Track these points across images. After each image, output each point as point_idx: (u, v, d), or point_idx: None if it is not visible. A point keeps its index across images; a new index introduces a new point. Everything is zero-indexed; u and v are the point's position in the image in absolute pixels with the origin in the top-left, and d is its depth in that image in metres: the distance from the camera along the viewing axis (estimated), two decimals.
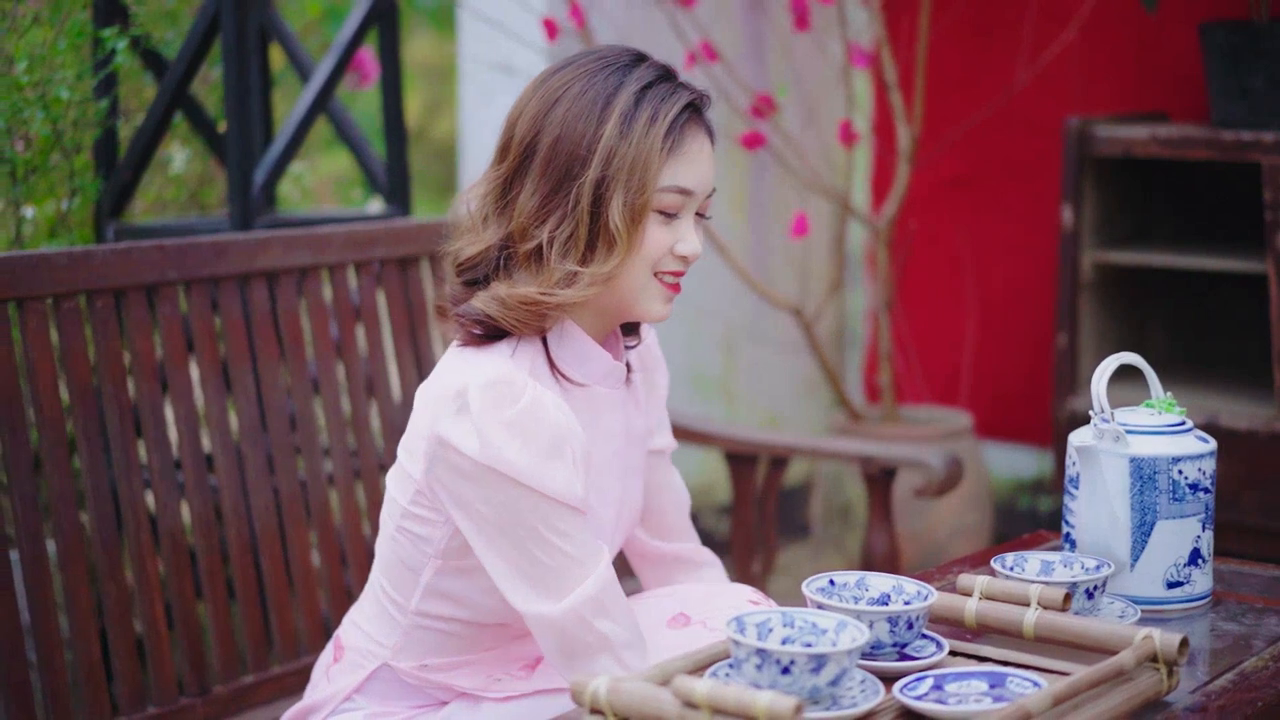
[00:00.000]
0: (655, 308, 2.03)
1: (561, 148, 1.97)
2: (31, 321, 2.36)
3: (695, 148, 2.00)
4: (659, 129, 1.96)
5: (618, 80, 1.98)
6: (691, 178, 1.99)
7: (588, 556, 1.96)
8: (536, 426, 1.93)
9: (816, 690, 1.62)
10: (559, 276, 1.97)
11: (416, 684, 2.14)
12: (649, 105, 1.96)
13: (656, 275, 2.01)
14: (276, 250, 2.69)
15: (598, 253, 1.97)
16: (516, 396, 1.93)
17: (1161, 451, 2.06)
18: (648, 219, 1.98)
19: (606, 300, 2.02)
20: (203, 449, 2.59)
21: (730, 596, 2.15)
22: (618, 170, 1.95)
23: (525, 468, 1.92)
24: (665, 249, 2.00)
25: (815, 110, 4.61)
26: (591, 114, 1.96)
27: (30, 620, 2.35)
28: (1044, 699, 1.59)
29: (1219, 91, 3.81)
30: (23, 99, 3.00)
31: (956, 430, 4.12)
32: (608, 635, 1.95)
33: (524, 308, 1.97)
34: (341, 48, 3.33)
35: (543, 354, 2.03)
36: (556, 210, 1.97)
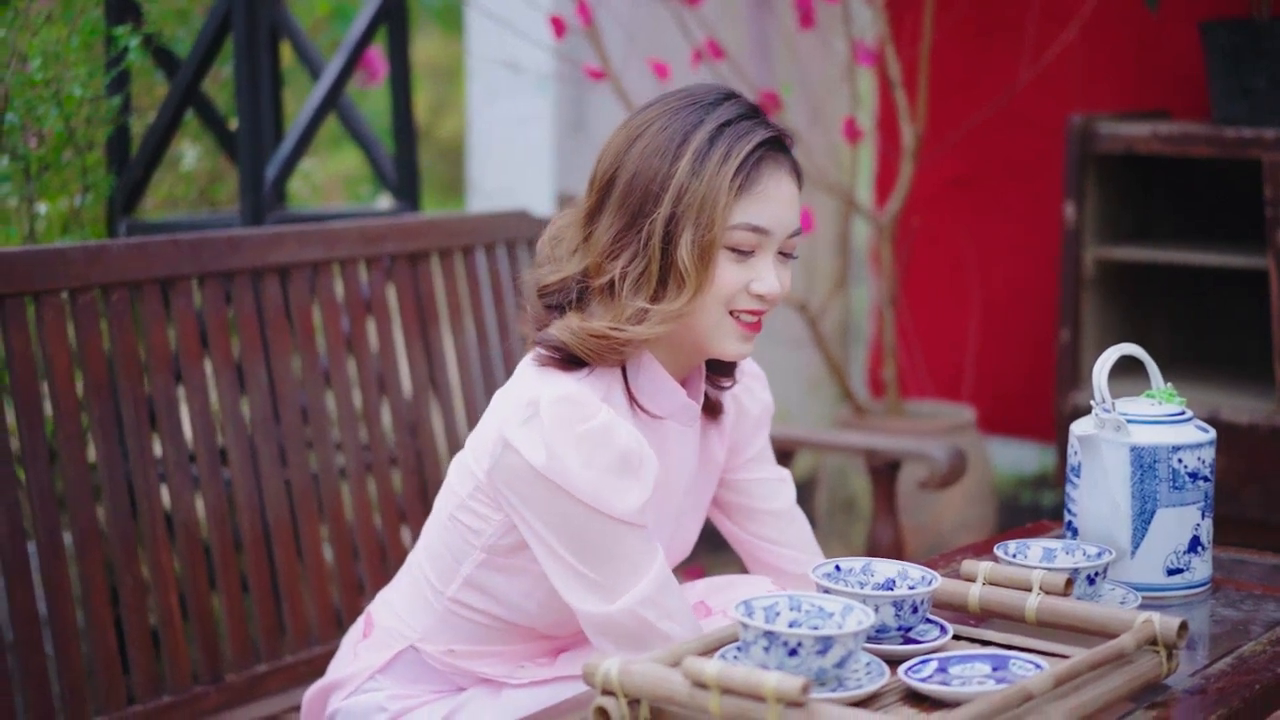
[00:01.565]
0: (731, 346, 2.03)
1: (637, 184, 1.99)
2: (48, 315, 2.40)
3: (772, 186, 2.00)
4: (730, 166, 1.96)
5: (698, 118, 1.99)
6: (766, 216, 1.99)
7: (642, 560, 1.98)
8: (604, 445, 1.95)
9: (823, 672, 1.65)
10: (630, 312, 1.99)
11: (441, 668, 2.17)
12: (724, 143, 1.97)
13: (733, 314, 2.02)
14: (289, 245, 2.72)
15: (669, 290, 1.98)
16: (588, 416, 1.95)
17: (1162, 440, 2.09)
18: (718, 257, 1.98)
19: (682, 337, 2.04)
20: (216, 442, 2.62)
21: (749, 586, 2.18)
22: (688, 207, 1.96)
23: (585, 484, 1.94)
24: (739, 287, 2.00)
25: (820, 108, 4.64)
26: (668, 151, 1.98)
27: (47, 611, 2.39)
28: (1046, 680, 1.63)
29: (1220, 90, 3.84)
30: (37, 96, 3.03)
31: (960, 425, 4.15)
32: (671, 636, 1.97)
33: (595, 340, 2.00)
34: (351, 45, 3.37)
35: (619, 383, 2.05)
36: (630, 246, 1.99)
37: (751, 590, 2.15)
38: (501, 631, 2.13)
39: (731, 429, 2.25)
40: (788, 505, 2.33)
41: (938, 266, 4.79)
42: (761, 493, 2.30)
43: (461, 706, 2.15)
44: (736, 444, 2.27)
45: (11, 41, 3.01)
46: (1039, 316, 4.60)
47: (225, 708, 2.58)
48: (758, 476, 2.30)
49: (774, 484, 2.31)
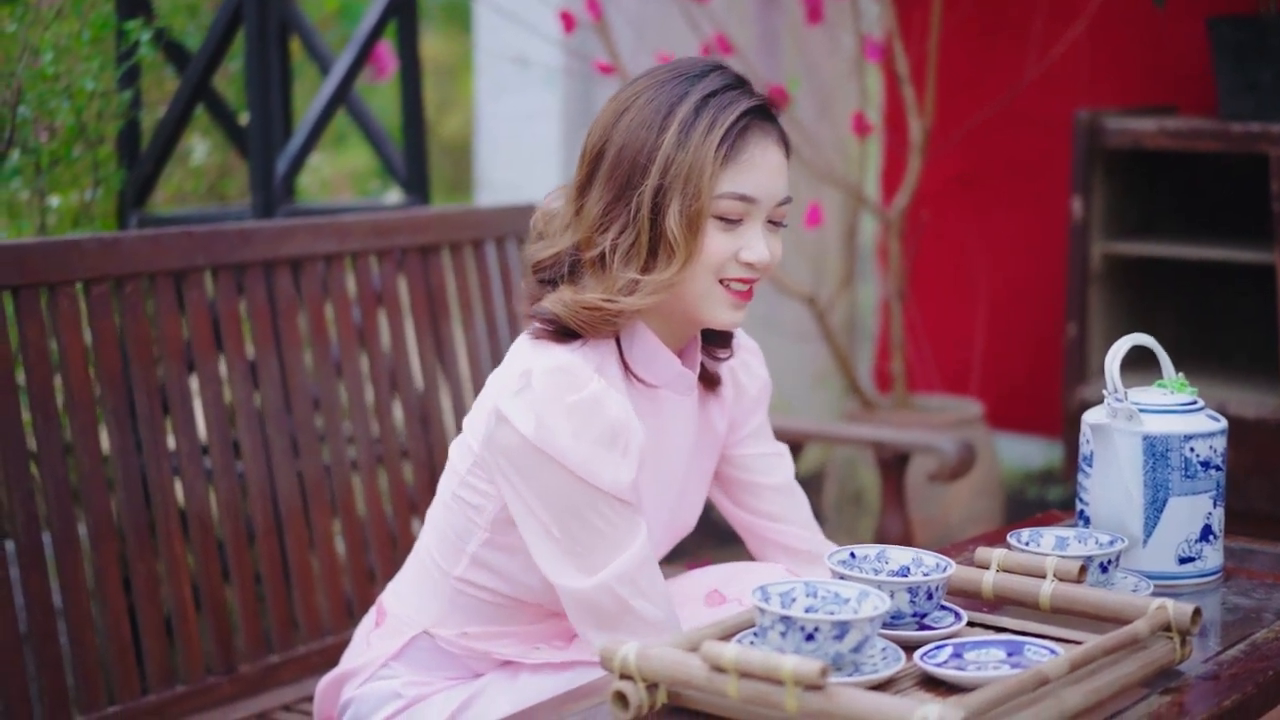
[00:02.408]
0: (722, 314, 2.05)
1: (625, 156, 2.01)
2: (62, 306, 2.41)
3: (758, 154, 2.01)
4: (715, 136, 1.98)
5: (683, 90, 2.01)
6: (752, 185, 2.01)
7: (624, 536, 2.00)
8: (594, 416, 1.97)
9: (839, 657, 1.66)
10: (622, 284, 2.01)
11: (456, 652, 2.17)
12: (709, 113, 1.99)
13: (723, 282, 2.03)
14: (301, 238, 2.73)
15: (659, 260, 2.00)
16: (579, 386, 1.97)
17: (1174, 429, 2.10)
18: (706, 226, 1.99)
19: (674, 307, 2.05)
20: (230, 434, 2.63)
21: (763, 573, 2.19)
22: (674, 178, 1.97)
23: (574, 454, 1.96)
24: (728, 256, 2.02)
25: (828, 103, 4.65)
26: (654, 123, 2.00)
27: (61, 601, 2.40)
28: (1061, 665, 1.63)
29: (1227, 85, 3.85)
30: (49, 90, 3.05)
31: (968, 419, 4.16)
32: (643, 614, 1.99)
33: (588, 311, 2.01)
34: (361, 41, 3.38)
35: (614, 353, 2.07)
36: (619, 218, 2.01)
37: (764, 577, 2.15)
38: (511, 610, 2.14)
39: (731, 405, 2.26)
40: (787, 480, 2.34)
41: (945, 262, 4.80)
42: (761, 467, 2.31)
43: (478, 694, 2.15)
44: (736, 420, 2.28)
45: (22, 36, 3.02)
46: (1045, 311, 4.61)
47: (239, 698, 2.59)
48: (757, 451, 2.31)
49: (773, 458, 2.33)
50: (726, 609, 2.11)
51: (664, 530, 2.19)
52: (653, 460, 2.11)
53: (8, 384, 2.32)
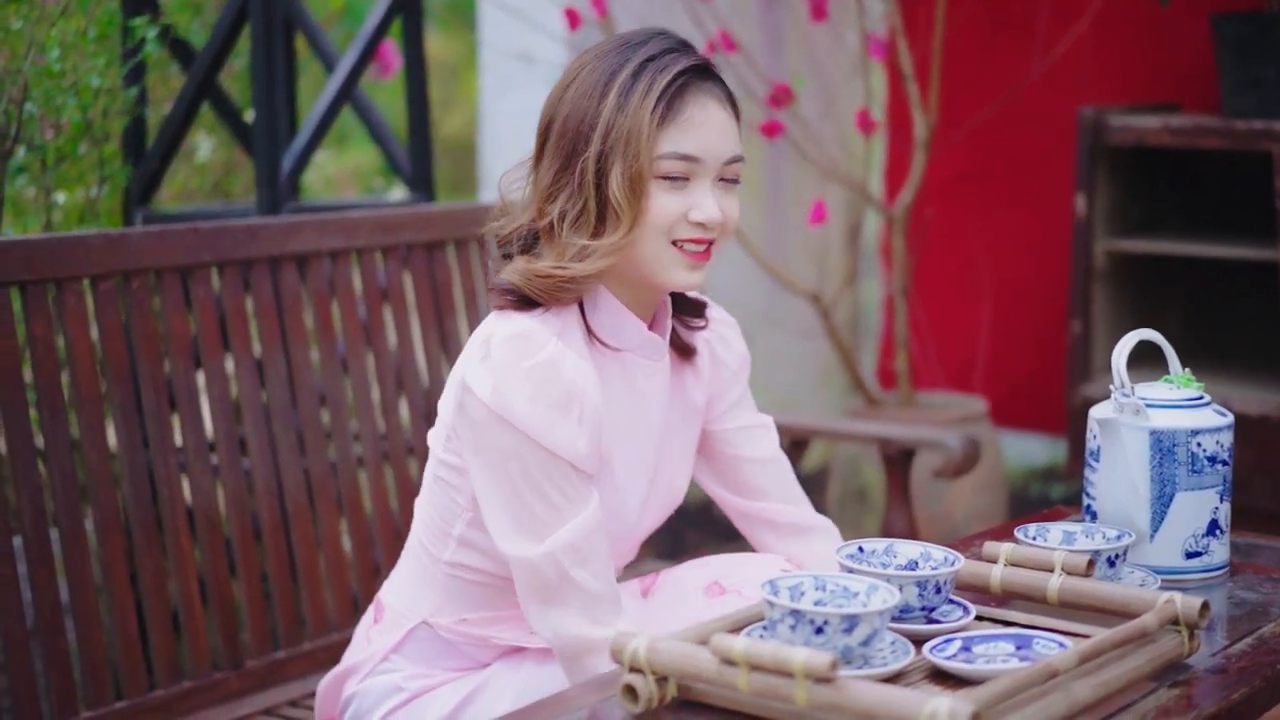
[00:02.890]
0: (678, 276, 2.06)
1: (569, 126, 2.04)
2: (69, 302, 2.41)
3: (698, 113, 2.03)
4: (651, 97, 2.00)
5: (624, 57, 2.03)
6: (693, 143, 2.02)
7: (575, 505, 2.01)
8: (550, 380, 1.98)
9: (849, 650, 1.66)
10: (573, 251, 2.02)
11: (456, 639, 2.18)
12: (647, 77, 2.01)
13: (676, 244, 2.04)
14: (307, 234, 2.74)
15: (607, 225, 2.02)
16: (536, 350, 1.99)
17: (1180, 424, 2.11)
18: (649, 188, 2.01)
19: (631, 271, 2.07)
20: (236, 430, 2.63)
21: (763, 564, 2.19)
22: (615, 142, 2.00)
23: (530, 419, 1.97)
24: (677, 216, 2.03)
25: (831, 100, 4.65)
26: (595, 91, 2.02)
27: (69, 596, 2.40)
28: (1070, 658, 1.64)
29: (1230, 82, 3.85)
30: (55, 86, 3.05)
31: (972, 415, 4.16)
32: (581, 584, 1.99)
33: (541, 279, 2.03)
34: (366, 38, 3.38)
35: (577, 319, 2.08)
36: (566, 187, 2.04)
37: (764, 569, 2.16)
38: (505, 592, 2.14)
39: (709, 379, 2.27)
40: (772, 452, 2.34)
41: (948, 259, 4.80)
42: (743, 441, 2.31)
43: (482, 686, 2.15)
44: (714, 393, 2.29)
45: (28, 33, 3.02)
46: (1049, 309, 4.61)
47: (245, 693, 2.59)
48: (738, 424, 2.31)
49: (757, 430, 2.33)
50: (725, 600, 2.11)
51: (645, 497, 2.18)
52: (626, 425, 2.12)
53: (15, 380, 2.32)
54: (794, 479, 2.36)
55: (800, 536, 2.32)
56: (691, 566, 2.24)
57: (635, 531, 2.20)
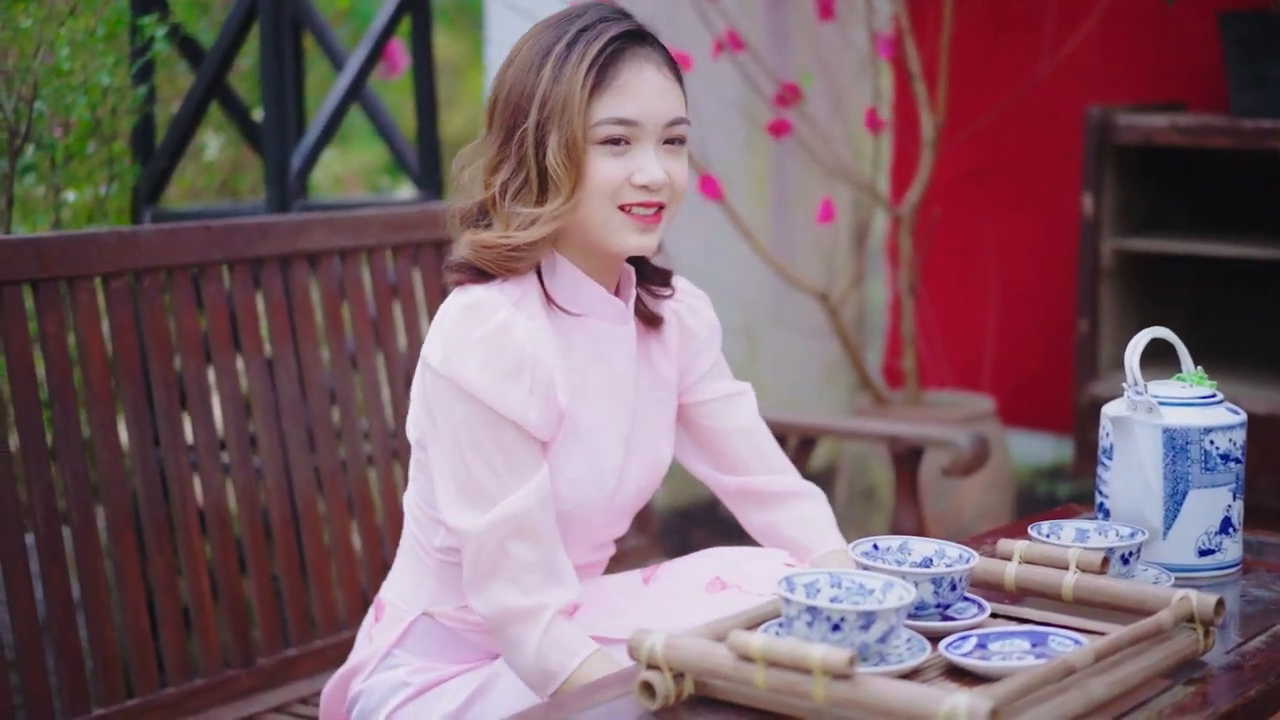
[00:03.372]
0: (627, 239, 2.08)
1: (511, 100, 2.08)
2: (81, 300, 2.41)
3: (634, 78, 2.05)
4: (584, 65, 2.03)
5: (561, 30, 2.07)
6: (630, 108, 2.04)
7: (520, 477, 2.02)
8: (499, 347, 2.01)
9: (865, 647, 1.66)
10: (519, 221, 2.06)
11: (458, 627, 2.18)
12: (580, 46, 2.04)
13: (623, 209, 2.06)
14: (318, 232, 2.74)
15: (549, 194, 2.05)
16: (486, 319, 2.02)
17: (1193, 422, 2.11)
18: (588, 154, 2.04)
19: (582, 237, 2.09)
20: (247, 428, 2.63)
21: (765, 560, 2.19)
22: (552, 111, 2.03)
23: (479, 382, 2.00)
24: (621, 181, 2.05)
25: (839, 99, 4.65)
26: (533, 64, 2.06)
27: (80, 594, 2.40)
28: (1086, 655, 1.64)
29: (1237, 81, 3.86)
30: (65, 85, 3.05)
31: (980, 414, 4.16)
32: (515, 556, 2.01)
33: (488, 250, 2.07)
34: (375, 37, 3.39)
35: (535, 286, 2.11)
36: (509, 159, 2.07)
37: (767, 564, 2.16)
38: None
39: (679, 350, 2.29)
40: (751, 420, 2.35)
41: (955, 258, 4.80)
42: (721, 411, 2.32)
43: (489, 682, 2.14)
44: (685, 365, 2.30)
45: (37, 32, 3.03)
46: (1056, 307, 4.62)
47: (256, 691, 2.59)
48: (714, 395, 2.32)
49: (734, 399, 2.34)
50: (726, 595, 2.11)
51: (623, 466, 2.18)
52: (595, 389, 2.14)
53: (28, 377, 2.33)
54: (776, 447, 2.37)
55: (785, 504, 2.33)
56: (693, 559, 2.24)
57: (618, 499, 2.19)
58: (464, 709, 2.15)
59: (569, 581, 2.05)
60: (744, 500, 2.35)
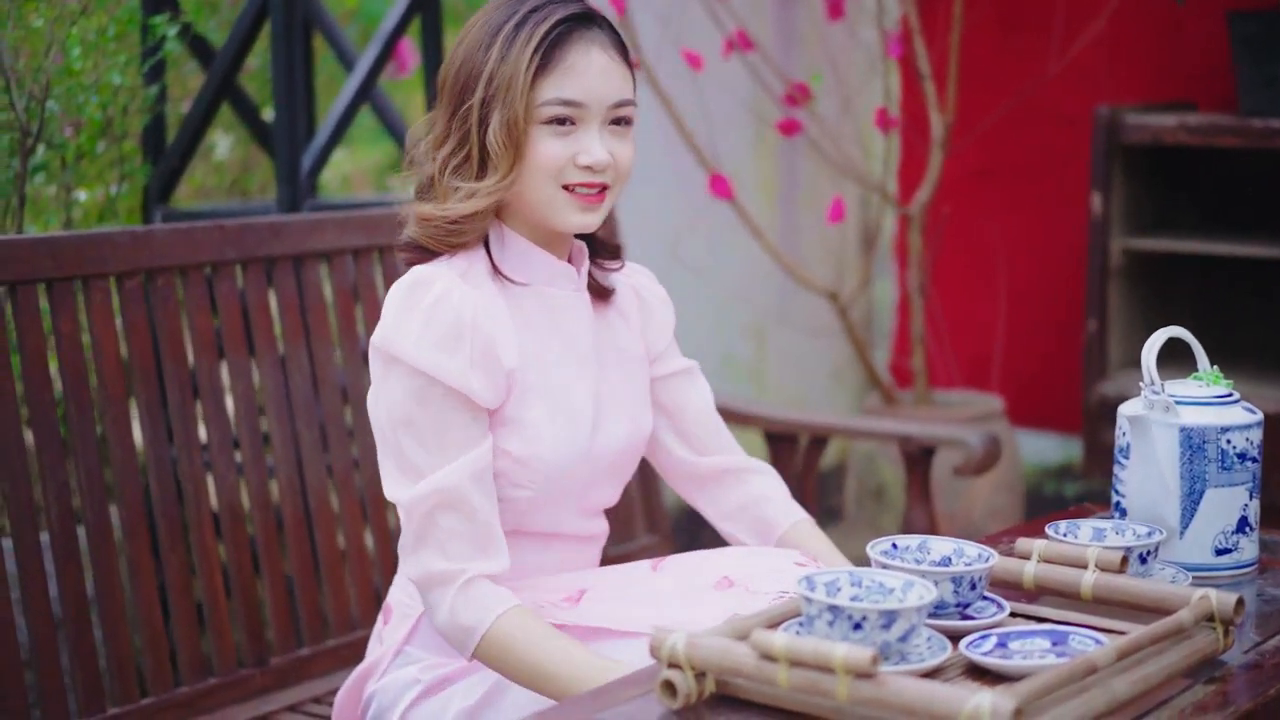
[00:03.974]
0: (570, 217, 2.11)
1: (460, 78, 2.11)
2: (95, 299, 2.42)
3: (579, 59, 2.08)
4: (530, 46, 2.06)
5: (511, 10, 2.10)
6: (574, 89, 2.07)
7: (457, 450, 2.05)
8: (436, 317, 2.04)
9: (886, 646, 1.66)
10: (457, 195, 2.10)
11: None
12: (528, 27, 2.08)
13: (567, 188, 2.10)
14: (330, 231, 2.74)
15: (489, 170, 2.09)
16: (425, 293, 2.06)
17: (1210, 421, 2.11)
18: (530, 134, 2.07)
19: (527, 213, 2.13)
20: (260, 426, 2.64)
21: (774, 559, 2.19)
22: (497, 90, 2.07)
23: (417, 353, 2.03)
24: (565, 161, 2.09)
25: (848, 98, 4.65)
26: (482, 43, 2.10)
27: (95, 592, 2.40)
28: (1109, 653, 1.64)
29: (1246, 80, 3.86)
30: (77, 85, 3.05)
31: (989, 413, 4.16)
32: (441, 526, 2.03)
33: (428, 224, 2.11)
34: (385, 37, 3.38)
35: (483, 257, 2.15)
36: (455, 135, 2.12)
37: (777, 562, 2.17)
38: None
39: (642, 325, 2.33)
40: (708, 398, 2.39)
41: (964, 257, 4.80)
42: (680, 386, 2.36)
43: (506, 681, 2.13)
44: (651, 340, 2.34)
45: (49, 31, 3.03)
46: (1065, 307, 4.62)
47: (270, 690, 2.59)
48: (675, 370, 2.36)
49: (691, 374, 2.39)
50: (734, 593, 2.11)
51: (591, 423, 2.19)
52: (555, 355, 2.16)
53: (42, 376, 2.33)
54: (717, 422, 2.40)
55: (748, 481, 2.37)
56: (703, 556, 2.24)
57: (597, 454, 2.20)
58: (480, 707, 2.14)
59: (497, 556, 2.08)
60: (710, 483, 2.38)
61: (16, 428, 2.30)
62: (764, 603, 2.03)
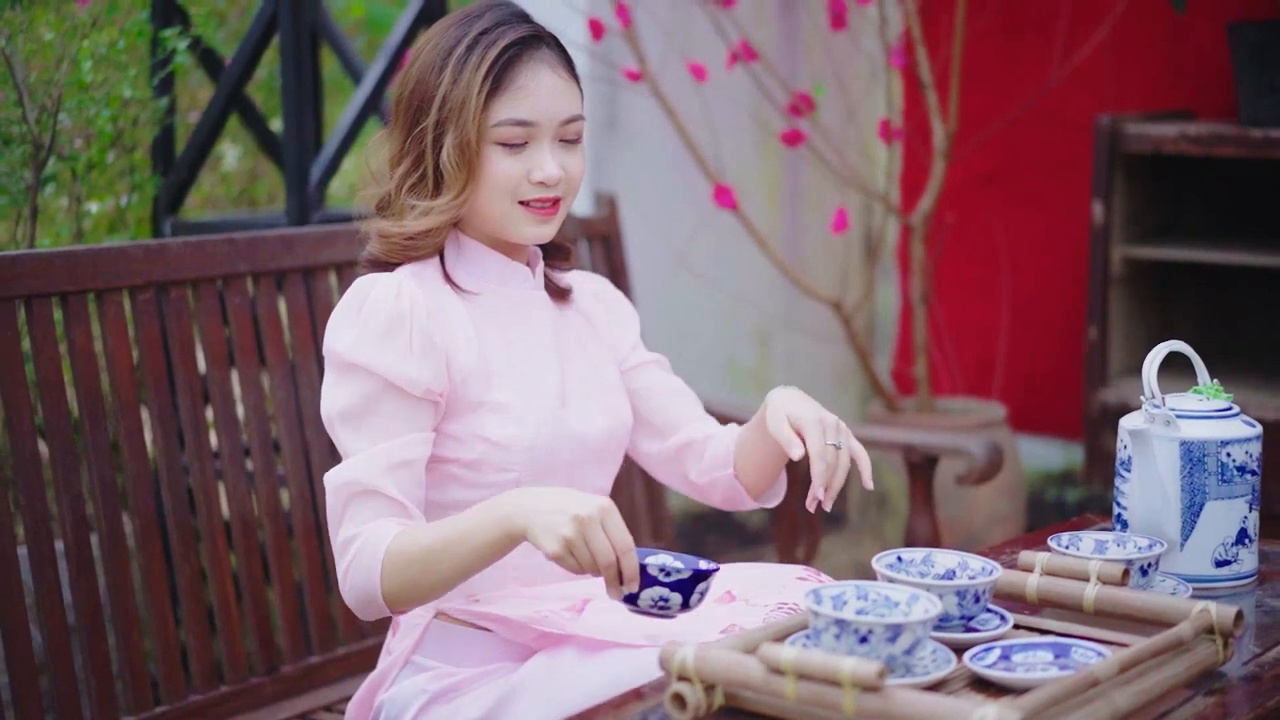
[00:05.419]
0: (527, 230, 2.18)
1: (414, 99, 2.17)
2: (109, 312, 2.45)
3: (530, 80, 2.14)
4: (482, 69, 2.12)
5: (462, 32, 2.16)
6: (526, 109, 2.14)
7: (378, 437, 2.10)
8: (372, 313, 2.11)
9: (892, 659, 1.69)
10: (417, 213, 2.16)
11: (468, 620, 2.18)
12: (480, 50, 2.13)
13: (523, 204, 2.17)
14: (340, 244, 2.77)
15: (443, 189, 2.15)
16: (366, 293, 2.13)
17: (1210, 435, 2.14)
18: (484, 154, 2.14)
19: (484, 227, 2.20)
20: (270, 436, 2.67)
21: (777, 575, 2.22)
22: (450, 111, 2.13)
23: (354, 348, 2.09)
24: (519, 178, 2.16)
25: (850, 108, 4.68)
26: (435, 65, 2.15)
27: (109, 600, 2.43)
28: (1110, 666, 1.67)
29: (1247, 90, 3.88)
30: (88, 98, 3.08)
31: (992, 421, 4.19)
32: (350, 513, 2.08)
33: (385, 240, 2.19)
34: (392, 50, 3.42)
35: (435, 265, 2.21)
36: (410, 154, 2.18)
37: (779, 577, 2.19)
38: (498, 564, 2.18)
39: (606, 323, 2.38)
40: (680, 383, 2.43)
41: (966, 264, 4.83)
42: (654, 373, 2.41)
43: (515, 691, 2.12)
44: (617, 337, 2.39)
45: (59, 44, 3.06)
46: (1066, 314, 4.64)
47: (281, 698, 2.62)
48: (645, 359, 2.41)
49: (661, 364, 2.43)
50: (735, 606, 2.12)
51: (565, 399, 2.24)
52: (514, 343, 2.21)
53: (57, 388, 2.36)
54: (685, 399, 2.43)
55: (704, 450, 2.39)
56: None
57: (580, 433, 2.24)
58: (488, 717, 2.16)
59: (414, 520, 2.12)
60: (680, 464, 2.41)
61: (32, 438, 2.33)
62: (761, 614, 2.06)
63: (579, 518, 1.90)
